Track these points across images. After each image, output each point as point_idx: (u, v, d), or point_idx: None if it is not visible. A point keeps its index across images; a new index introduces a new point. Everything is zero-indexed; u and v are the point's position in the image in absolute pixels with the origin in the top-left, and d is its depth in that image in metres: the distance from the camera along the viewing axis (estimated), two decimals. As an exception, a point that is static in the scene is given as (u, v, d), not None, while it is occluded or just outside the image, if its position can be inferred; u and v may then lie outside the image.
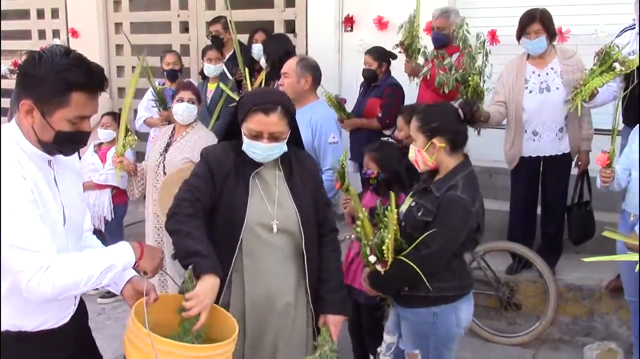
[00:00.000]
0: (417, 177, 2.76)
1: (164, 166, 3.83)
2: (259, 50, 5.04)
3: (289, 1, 5.98)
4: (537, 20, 3.88)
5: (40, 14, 7.29)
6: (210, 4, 6.37)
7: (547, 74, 3.99)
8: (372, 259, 2.50)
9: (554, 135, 4.02)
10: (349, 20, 5.61)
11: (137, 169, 4.01)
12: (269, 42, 4.82)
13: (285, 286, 2.31)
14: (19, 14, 7.40)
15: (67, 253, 1.84)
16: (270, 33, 5.41)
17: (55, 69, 1.71)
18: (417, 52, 4.28)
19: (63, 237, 1.86)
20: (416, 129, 2.50)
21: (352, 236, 2.75)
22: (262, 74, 4.73)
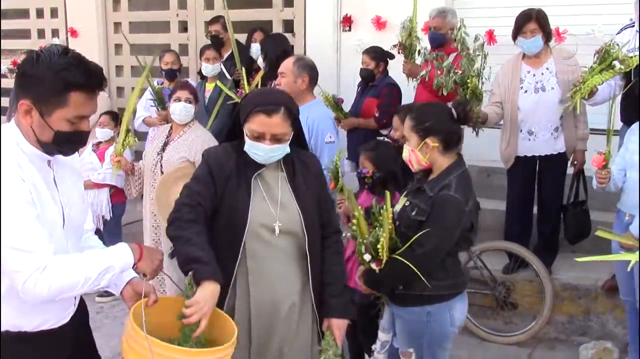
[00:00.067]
0: (413, 177, 2.77)
1: (161, 165, 3.84)
2: (257, 50, 5.05)
3: (288, 1, 6.00)
4: (533, 20, 3.90)
5: (39, 13, 7.32)
6: (209, 4, 6.39)
7: (543, 74, 4.00)
8: (367, 257, 2.51)
9: (549, 135, 4.03)
10: (347, 20, 5.63)
11: (135, 168, 4.02)
12: (267, 41, 4.83)
13: (290, 289, 2.29)
14: (18, 13, 7.42)
15: (67, 254, 1.84)
16: (269, 33, 5.42)
17: (53, 69, 1.70)
18: (416, 52, 4.29)
19: (62, 238, 1.85)
20: (410, 129, 2.51)
21: (348, 235, 2.77)
22: (260, 73, 4.74)
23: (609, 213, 3.80)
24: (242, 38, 5.53)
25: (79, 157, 2.32)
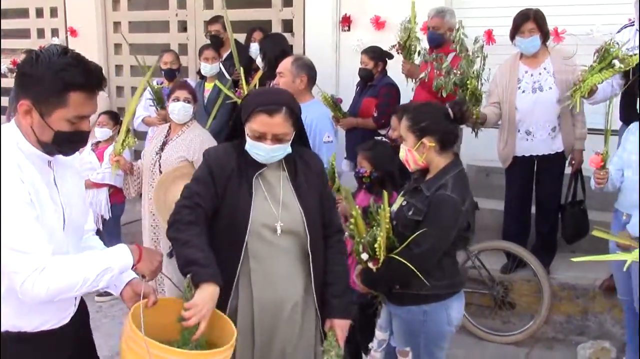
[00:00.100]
0: (410, 176, 2.77)
1: (160, 165, 3.85)
2: (256, 50, 5.05)
3: (287, 1, 6.00)
4: (531, 19, 3.91)
5: (39, 12, 7.32)
6: (209, 3, 6.39)
7: (540, 74, 4.01)
8: (365, 256, 2.52)
9: (547, 134, 4.04)
10: (346, 20, 5.63)
11: (134, 168, 4.02)
12: (265, 41, 4.84)
13: (293, 289, 2.27)
14: (18, 13, 7.43)
15: (67, 254, 1.83)
16: (268, 32, 5.43)
17: (52, 69, 1.70)
18: (415, 53, 4.29)
19: (62, 238, 1.85)
20: (406, 129, 2.52)
21: (346, 234, 2.77)
22: (259, 73, 4.75)
23: (606, 213, 3.80)
24: (242, 38, 5.54)
25: (79, 156, 2.31)
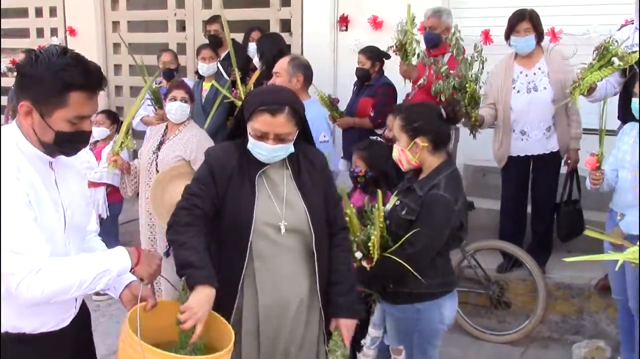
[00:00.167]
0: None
1: (157, 164, 3.85)
2: (254, 49, 5.05)
3: (285, 0, 6.01)
4: (527, 19, 3.94)
5: (38, 12, 7.33)
6: (207, 3, 6.40)
7: (535, 74, 4.03)
8: (358, 255, 2.54)
9: (542, 134, 4.06)
10: (344, 20, 5.64)
11: (131, 167, 4.03)
12: (263, 41, 4.84)
13: (297, 289, 2.25)
14: (17, 13, 7.44)
15: (67, 256, 1.83)
16: (266, 32, 5.44)
17: (52, 69, 1.70)
18: (412, 54, 4.29)
19: (63, 239, 1.84)
20: (399, 129, 2.53)
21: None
22: (256, 73, 4.76)
23: (602, 213, 3.80)
24: (240, 37, 5.56)
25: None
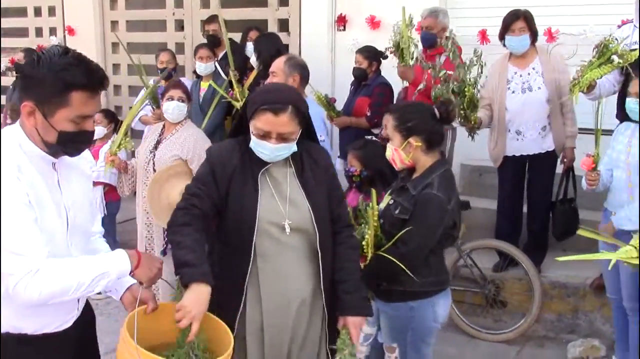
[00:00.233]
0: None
1: (154, 163, 3.86)
2: (252, 49, 5.07)
3: (283, 0, 6.02)
4: (521, 18, 3.96)
5: (37, 11, 7.36)
6: (205, 2, 6.43)
7: (529, 74, 4.04)
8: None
9: (537, 134, 4.08)
10: (341, 20, 5.66)
11: (128, 167, 4.04)
12: (260, 41, 4.85)
13: (301, 288, 2.23)
14: (16, 12, 7.46)
15: (69, 257, 1.82)
16: (264, 32, 5.46)
17: (53, 69, 1.70)
18: (409, 56, 4.29)
19: (65, 241, 1.84)
20: (393, 128, 2.55)
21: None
22: (254, 72, 4.77)
23: (597, 212, 3.80)
24: (238, 37, 5.57)
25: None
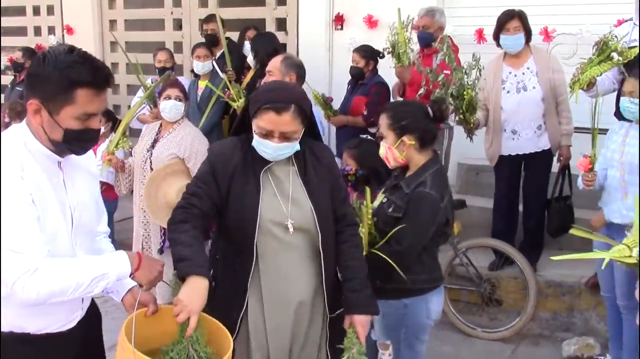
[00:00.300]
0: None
1: (151, 162, 3.87)
2: (250, 48, 5.09)
3: (280, -1, 6.05)
4: (516, 17, 3.99)
5: (36, 10, 7.39)
6: (203, 2, 6.45)
7: (524, 74, 4.07)
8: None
9: (533, 133, 4.10)
10: (339, 19, 5.68)
11: (125, 165, 4.05)
12: (257, 40, 4.87)
13: (303, 288, 2.21)
14: (15, 11, 7.48)
15: (74, 257, 1.82)
16: (262, 31, 5.47)
17: (59, 67, 1.71)
18: (405, 55, 4.29)
19: (69, 240, 1.84)
20: (386, 127, 2.56)
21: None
22: (251, 71, 4.79)
23: (593, 211, 3.80)
24: (236, 36, 5.58)
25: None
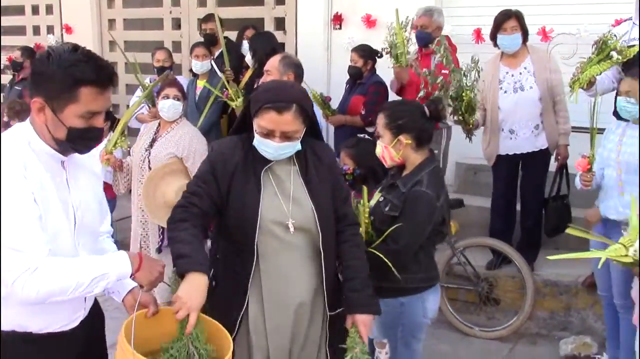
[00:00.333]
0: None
1: (149, 161, 3.87)
2: (248, 47, 5.09)
3: (279, -1, 6.06)
4: (513, 17, 4.00)
5: (34, 10, 7.39)
6: (202, 1, 6.45)
7: (521, 74, 4.08)
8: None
9: (530, 132, 4.11)
10: (337, 18, 5.69)
11: (123, 165, 4.05)
12: (255, 39, 4.87)
13: (303, 288, 2.21)
14: (14, 10, 7.48)
15: (77, 256, 1.82)
16: (260, 30, 5.47)
17: (63, 65, 1.71)
18: (403, 56, 4.30)
19: (71, 240, 1.84)
20: (383, 126, 2.56)
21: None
22: (250, 71, 4.79)
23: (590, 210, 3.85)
24: (234, 35, 5.59)
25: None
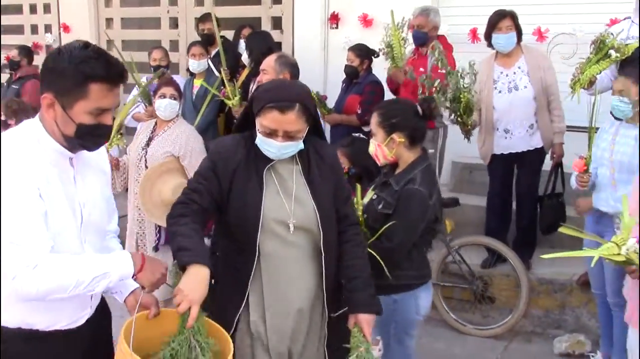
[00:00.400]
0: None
1: (146, 160, 3.89)
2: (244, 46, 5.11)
3: (276, -2, 6.07)
4: (508, 17, 4.03)
5: (32, 9, 7.40)
6: (199, 0, 6.46)
7: (515, 74, 4.10)
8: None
9: (525, 132, 4.13)
10: (334, 18, 5.70)
11: (120, 164, 4.07)
12: (252, 38, 4.89)
13: (303, 289, 2.20)
14: (12, 9, 7.49)
15: (82, 254, 1.83)
16: (257, 29, 5.49)
17: (73, 62, 1.72)
18: (399, 57, 4.31)
19: (77, 237, 1.84)
20: (376, 124, 2.58)
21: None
22: (246, 70, 4.81)
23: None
24: (231, 35, 5.60)
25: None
